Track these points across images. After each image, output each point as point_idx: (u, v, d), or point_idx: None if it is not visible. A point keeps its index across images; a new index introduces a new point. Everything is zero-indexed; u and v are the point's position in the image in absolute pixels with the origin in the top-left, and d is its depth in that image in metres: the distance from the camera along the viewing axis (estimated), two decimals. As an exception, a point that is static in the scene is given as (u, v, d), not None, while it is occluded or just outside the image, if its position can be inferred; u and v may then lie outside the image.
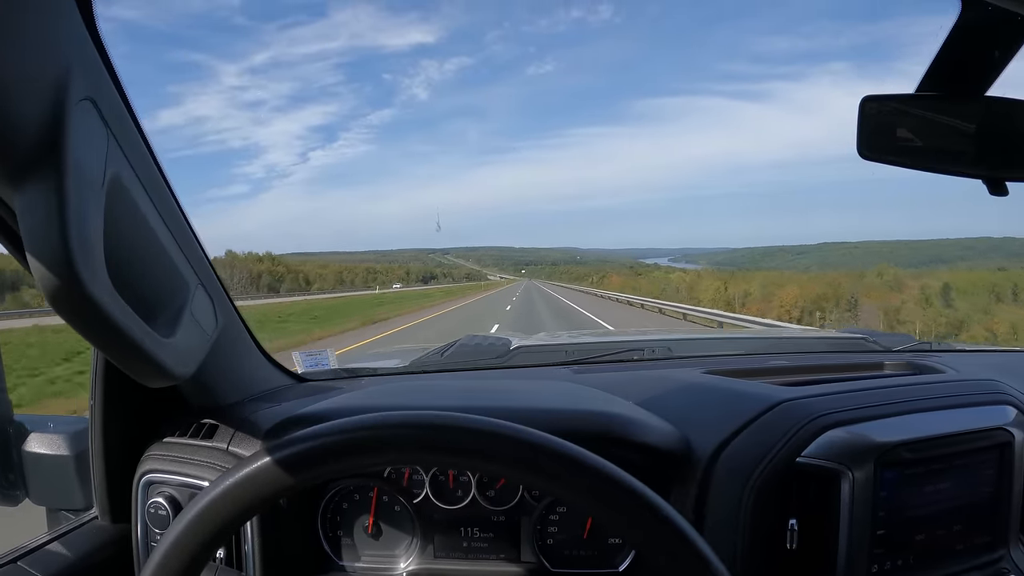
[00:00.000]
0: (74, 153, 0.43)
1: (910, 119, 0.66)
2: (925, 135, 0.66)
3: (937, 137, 0.65)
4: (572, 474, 0.42)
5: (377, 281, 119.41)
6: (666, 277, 75.66)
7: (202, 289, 0.66)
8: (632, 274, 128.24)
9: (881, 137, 0.66)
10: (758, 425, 0.69)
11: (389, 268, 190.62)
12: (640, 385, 0.85)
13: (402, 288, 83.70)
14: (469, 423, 0.44)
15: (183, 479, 0.73)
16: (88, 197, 0.45)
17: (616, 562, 0.75)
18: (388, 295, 48.72)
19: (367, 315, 20.58)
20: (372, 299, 36.86)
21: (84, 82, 0.45)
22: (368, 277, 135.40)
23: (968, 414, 0.74)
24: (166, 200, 0.60)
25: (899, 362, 1.00)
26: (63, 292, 0.43)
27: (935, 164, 0.66)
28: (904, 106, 0.66)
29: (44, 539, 0.75)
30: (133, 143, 0.54)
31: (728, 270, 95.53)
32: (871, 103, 0.66)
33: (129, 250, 0.55)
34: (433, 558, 0.76)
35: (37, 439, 0.82)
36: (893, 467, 0.66)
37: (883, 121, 0.66)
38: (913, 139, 0.67)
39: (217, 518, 0.43)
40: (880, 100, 0.66)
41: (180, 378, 0.58)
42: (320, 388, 0.94)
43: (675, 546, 0.41)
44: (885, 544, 0.67)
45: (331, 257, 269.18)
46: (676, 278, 67.77)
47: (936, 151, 0.66)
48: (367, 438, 0.43)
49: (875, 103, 0.66)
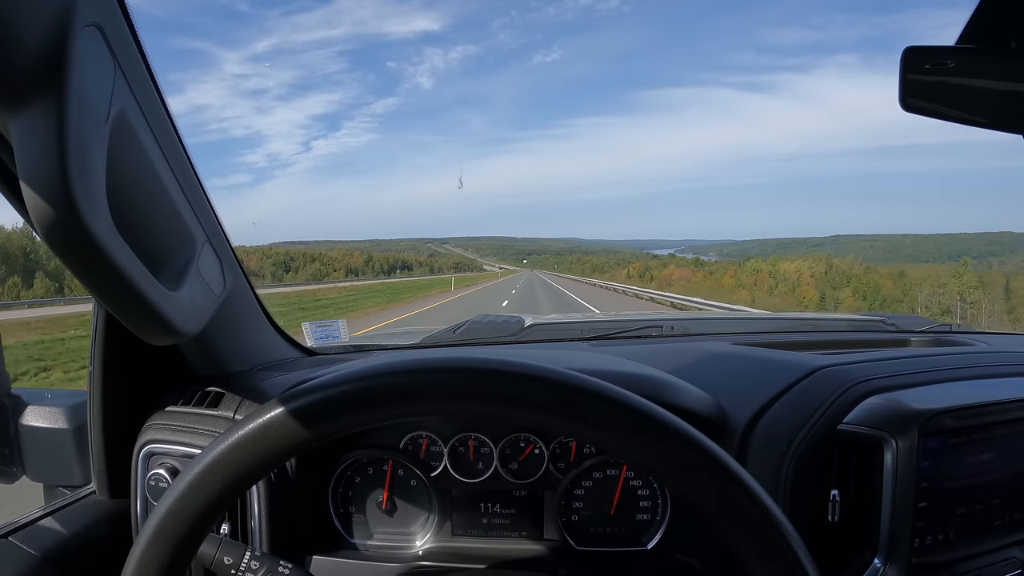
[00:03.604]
0: (77, 80, 0.40)
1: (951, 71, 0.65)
2: (964, 88, 0.65)
3: (977, 91, 0.64)
4: (649, 430, 0.36)
5: (307, 272, 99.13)
6: (775, 268, 64.32)
7: (210, 247, 0.63)
8: (693, 267, 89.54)
9: (921, 90, 0.65)
10: (796, 392, 0.66)
11: (341, 256, 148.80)
12: (665, 356, 0.82)
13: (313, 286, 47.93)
14: (529, 369, 0.38)
15: (186, 449, 0.69)
16: (90, 130, 0.42)
17: (644, 540, 0.71)
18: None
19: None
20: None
21: (91, 6, 0.42)
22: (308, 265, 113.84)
23: (1006, 384, 0.72)
24: (174, 148, 0.56)
25: (925, 339, 0.97)
26: (60, 226, 0.39)
27: (974, 117, 0.65)
28: (945, 58, 0.64)
29: (37, 514, 0.72)
30: (141, 82, 0.50)
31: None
32: (913, 54, 0.64)
33: (133, 195, 0.51)
34: (451, 535, 0.73)
35: (34, 412, 0.78)
36: (936, 436, 0.64)
37: (923, 73, 0.65)
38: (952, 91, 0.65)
39: (225, 474, 0.38)
40: (921, 52, 0.64)
41: (186, 336, 0.54)
42: (330, 361, 0.90)
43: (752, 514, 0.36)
44: (926, 517, 0.64)
45: (324, 246, 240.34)
46: (790, 268, 61.71)
47: (975, 104, 0.65)
48: (396, 383, 0.38)
49: (916, 54, 0.64)
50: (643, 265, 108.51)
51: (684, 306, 13.94)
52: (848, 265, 59.83)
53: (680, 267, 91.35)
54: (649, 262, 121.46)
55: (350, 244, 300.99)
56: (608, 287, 32.42)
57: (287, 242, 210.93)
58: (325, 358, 0.93)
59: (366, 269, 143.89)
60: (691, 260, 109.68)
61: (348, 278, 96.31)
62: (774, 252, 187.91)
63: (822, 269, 57.83)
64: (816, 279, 53.40)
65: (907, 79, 0.64)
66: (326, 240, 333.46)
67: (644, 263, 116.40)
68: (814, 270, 58.08)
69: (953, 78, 0.66)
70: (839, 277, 53.78)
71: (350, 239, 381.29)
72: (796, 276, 57.69)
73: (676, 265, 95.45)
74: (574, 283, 37.30)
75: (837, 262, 60.66)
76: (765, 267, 65.15)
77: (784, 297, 51.60)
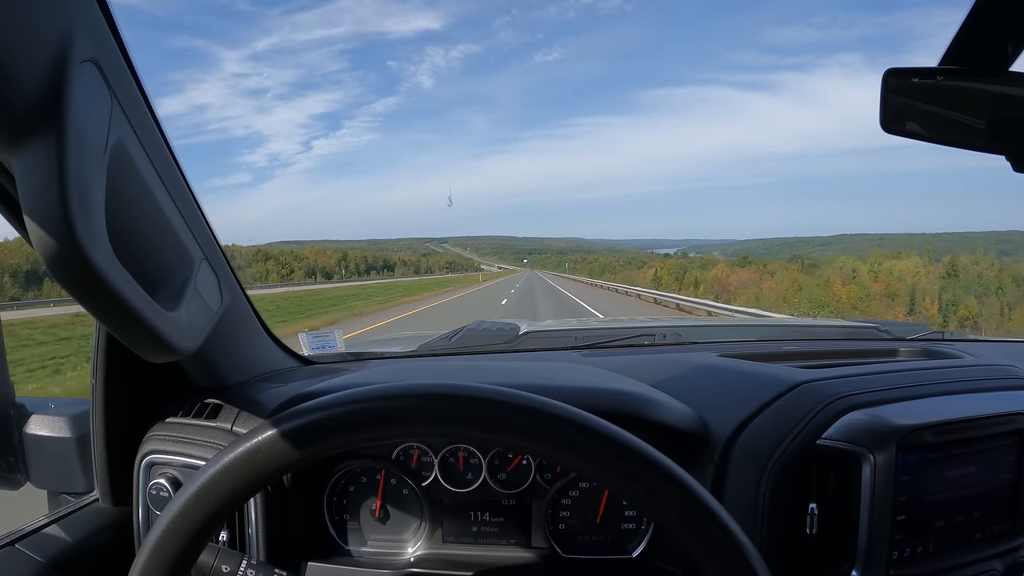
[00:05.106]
0: (75, 116, 0.41)
1: (933, 93, 0.65)
2: (948, 110, 0.65)
3: (960, 112, 0.64)
4: (609, 453, 0.39)
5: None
6: (878, 268, 41.99)
7: (207, 265, 0.65)
8: (756, 268, 54.63)
9: (903, 111, 0.65)
10: (776, 407, 0.68)
11: (314, 255, 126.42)
12: (653, 368, 0.84)
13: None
14: (506, 396, 0.40)
15: (185, 460, 0.72)
16: (89, 162, 0.43)
17: (629, 548, 0.73)
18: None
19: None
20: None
21: (87, 43, 0.44)
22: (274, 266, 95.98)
23: (988, 399, 0.72)
24: (171, 171, 0.58)
25: (914, 349, 0.98)
26: (62, 257, 0.41)
27: (958, 139, 0.65)
28: (927, 80, 0.65)
29: (42, 522, 0.74)
30: (138, 110, 0.52)
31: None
32: (894, 77, 0.65)
33: (131, 221, 0.53)
34: (441, 543, 0.75)
35: (38, 421, 0.81)
36: (914, 451, 0.65)
37: (906, 95, 0.65)
38: (936, 113, 0.66)
39: (217, 495, 0.41)
40: (903, 74, 0.65)
41: (183, 353, 0.56)
42: (327, 371, 0.92)
43: (706, 524, 0.38)
44: (905, 530, 0.65)
45: (322, 246, 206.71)
46: (906, 267, 40.37)
47: (959, 126, 0.65)
48: (382, 408, 0.41)
49: (898, 77, 0.65)
50: (677, 265, 72.82)
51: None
52: (974, 263, 39.89)
53: (731, 267, 57.52)
54: (680, 261, 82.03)
55: (349, 244, 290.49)
56: (646, 297, 22.23)
57: (282, 242, 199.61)
58: (322, 367, 0.95)
59: (338, 269, 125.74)
60: (737, 259, 68.09)
61: (309, 281, 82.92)
62: (779, 252, 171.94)
63: (939, 271, 40.02)
64: (930, 279, 35.70)
65: (888, 102, 0.65)
66: (325, 240, 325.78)
67: (677, 262, 78.49)
68: (930, 270, 40.35)
69: (936, 99, 0.67)
70: (971, 281, 36.66)
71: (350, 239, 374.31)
72: (914, 278, 38.88)
73: (728, 264, 60.68)
74: (586, 289, 29.26)
75: (963, 260, 40.38)
76: (865, 267, 42.60)
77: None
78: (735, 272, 52.19)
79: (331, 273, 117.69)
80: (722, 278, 50.22)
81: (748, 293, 36.01)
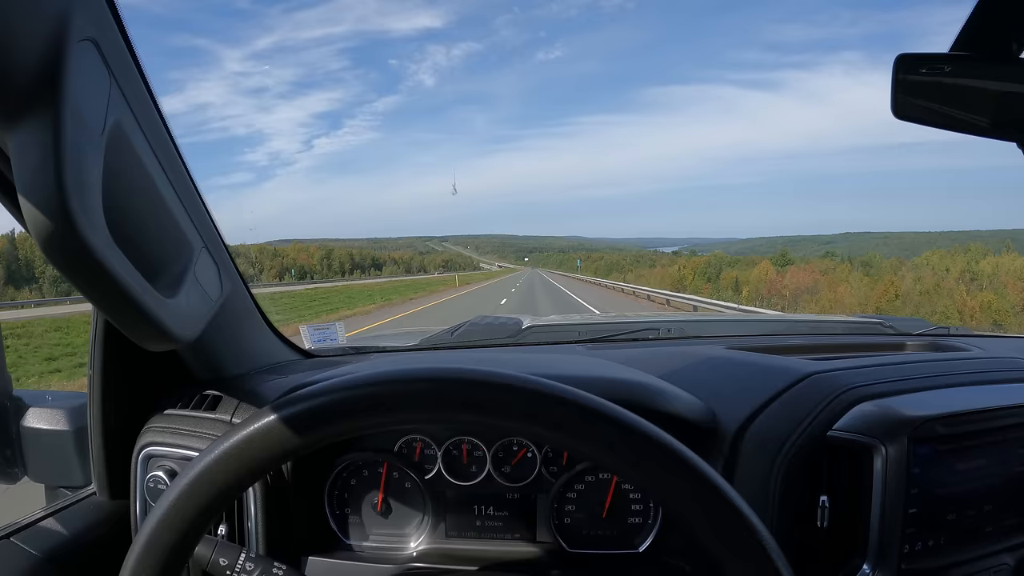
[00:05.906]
0: (73, 94, 0.40)
1: (944, 79, 0.65)
2: (959, 95, 0.65)
3: (971, 98, 0.64)
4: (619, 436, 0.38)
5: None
6: (974, 268, 30.31)
7: (207, 253, 0.64)
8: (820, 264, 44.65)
9: (914, 97, 0.65)
10: (787, 398, 0.67)
11: (295, 252, 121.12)
12: (660, 360, 0.83)
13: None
14: (515, 380, 0.39)
15: (184, 452, 0.70)
16: (86, 142, 0.42)
17: (636, 543, 0.72)
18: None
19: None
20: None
21: (86, 21, 0.43)
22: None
23: (999, 391, 0.71)
24: (171, 157, 0.57)
25: (921, 343, 0.97)
26: (57, 237, 0.40)
27: (968, 125, 0.64)
28: (938, 65, 0.64)
29: (39, 515, 0.73)
30: (137, 93, 0.51)
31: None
32: (905, 62, 0.64)
33: (129, 205, 0.52)
34: (444, 537, 0.74)
35: (36, 414, 0.80)
36: (926, 442, 0.64)
37: (917, 81, 0.64)
38: (947, 99, 0.65)
39: (212, 485, 0.39)
40: (914, 59, 0.64)
41: (181, 341, 0.55)
42: (328, 363, 0.91)
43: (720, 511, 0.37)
44: (916, 523, 0.64)
45: (321, 244, 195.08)
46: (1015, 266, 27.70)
47: (970, 112, 0.65)
48: (383, 393, 0.40)
49: (909, 62, 0.64)
50: (703, 263, 57.16)
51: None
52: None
53: (775, 266, 43.15)
54: (707, 258, 62.03)
55: (349, 242, 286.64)
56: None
57: (280, 240, 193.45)
58: (323, 360, 0.94)
59: (320, 268, 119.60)
60: (775, 256, 54.11)
61: (281, 281, 73.87)
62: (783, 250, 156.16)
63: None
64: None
65: (900, 87, 0.64)
66: (325, 239, 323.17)
67: (705, 259, 61.38)
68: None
69: (947, 84, 0.66)
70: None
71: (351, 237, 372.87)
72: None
73: (773, 264, 45.16)
74: (596, 292, 25.33)
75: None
76: (956, 265, 32.87)
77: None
78: (788, 272, 39.05)
79: (308, 273, 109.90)
80: (771, 279, 37.99)
81: (821, 300, 27.74)
